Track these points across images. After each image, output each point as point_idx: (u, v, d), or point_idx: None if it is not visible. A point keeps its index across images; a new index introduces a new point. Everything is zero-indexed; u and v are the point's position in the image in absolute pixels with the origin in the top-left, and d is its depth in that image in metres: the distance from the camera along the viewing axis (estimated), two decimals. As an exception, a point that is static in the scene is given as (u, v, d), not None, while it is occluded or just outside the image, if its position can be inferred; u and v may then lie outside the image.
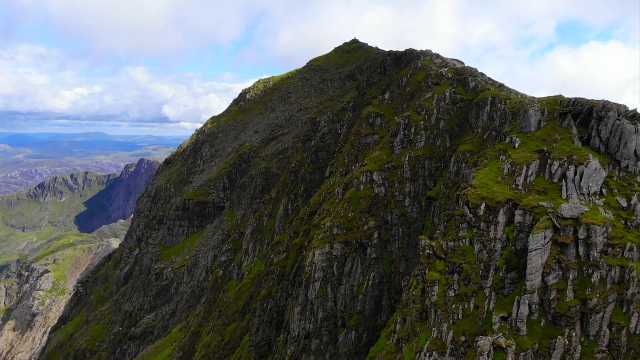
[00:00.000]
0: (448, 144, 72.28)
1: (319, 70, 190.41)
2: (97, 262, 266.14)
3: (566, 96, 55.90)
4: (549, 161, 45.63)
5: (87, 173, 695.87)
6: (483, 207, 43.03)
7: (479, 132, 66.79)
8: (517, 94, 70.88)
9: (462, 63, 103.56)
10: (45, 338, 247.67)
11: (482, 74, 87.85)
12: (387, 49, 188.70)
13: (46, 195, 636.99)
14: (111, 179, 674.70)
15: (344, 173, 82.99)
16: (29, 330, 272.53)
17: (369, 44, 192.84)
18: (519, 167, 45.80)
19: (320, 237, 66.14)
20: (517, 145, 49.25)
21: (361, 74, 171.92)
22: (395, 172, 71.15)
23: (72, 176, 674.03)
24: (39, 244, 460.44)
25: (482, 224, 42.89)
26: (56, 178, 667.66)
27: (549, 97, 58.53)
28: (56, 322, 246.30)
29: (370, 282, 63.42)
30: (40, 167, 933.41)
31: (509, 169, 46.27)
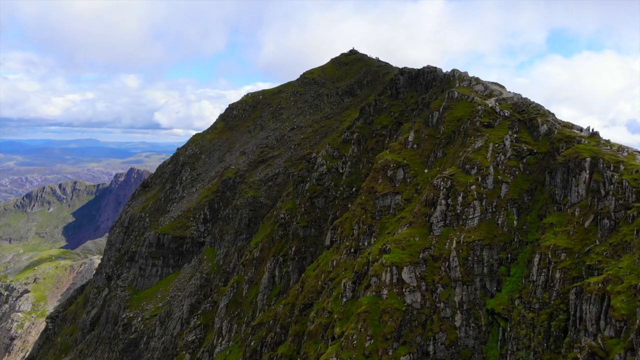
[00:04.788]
0: (515, 222, 46.85)
1: (314, 84, 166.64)
2: (70, 294, 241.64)
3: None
4: None
5: (75, 182, 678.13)
6: None
7: (575, 215, 41.25)
8: (624, 149, 45.40)
9: (503, 87, 78.04)
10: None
11: (540, 106, 62.55)
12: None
13: (33, 205, 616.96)
14: (100, 189, 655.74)
15: (351, 250, 57.55)
16: (6, 354, 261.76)
17: (369, 55, 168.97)
18: None
19: (321, 386, 40.78)
20: None
21: (361, 89, 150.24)
22: (436, 266, 45.68)
23: (60, 185, 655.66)
24: (26, 256, 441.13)
25: None
26: (44, 187, 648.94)
27: None
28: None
29: None
30: (30, 175, 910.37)
31: None
